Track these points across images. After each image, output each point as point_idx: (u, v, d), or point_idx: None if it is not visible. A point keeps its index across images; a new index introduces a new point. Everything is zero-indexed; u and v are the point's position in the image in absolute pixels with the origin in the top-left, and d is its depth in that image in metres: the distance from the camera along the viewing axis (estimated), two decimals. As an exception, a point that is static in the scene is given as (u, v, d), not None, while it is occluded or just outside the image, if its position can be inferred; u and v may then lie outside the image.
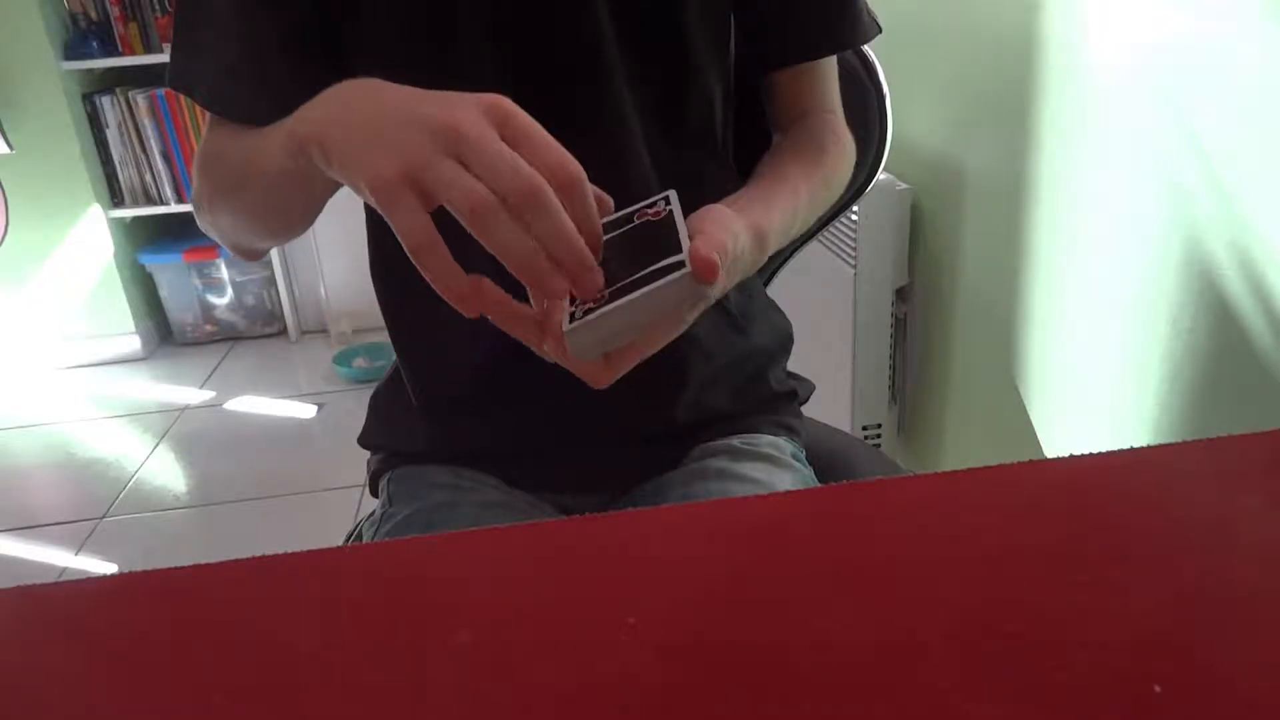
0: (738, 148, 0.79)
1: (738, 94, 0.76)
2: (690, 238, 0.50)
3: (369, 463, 0.84)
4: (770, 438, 0.79)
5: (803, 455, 0.82)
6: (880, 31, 0.78)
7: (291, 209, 0.66)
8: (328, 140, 0.49)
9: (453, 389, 0.77)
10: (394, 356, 0.82)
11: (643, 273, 0.48)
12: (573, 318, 0.48)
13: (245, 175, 0.62)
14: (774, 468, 0.75)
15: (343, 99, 0.51)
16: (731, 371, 0.79)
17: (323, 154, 0.49)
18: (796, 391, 0.86)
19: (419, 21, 0.66)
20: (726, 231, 0.53)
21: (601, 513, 0.81)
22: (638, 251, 0.50)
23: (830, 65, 0.76)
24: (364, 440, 0.84)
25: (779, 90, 0.76)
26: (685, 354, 0.75)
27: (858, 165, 0.96)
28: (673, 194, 0.55)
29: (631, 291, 0.47)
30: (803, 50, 0.74)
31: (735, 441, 0.77)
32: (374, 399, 0.84)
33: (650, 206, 0.54)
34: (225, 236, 0.70)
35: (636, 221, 0.53)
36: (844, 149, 0.74)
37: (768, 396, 0.82)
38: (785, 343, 0.86)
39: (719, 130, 0.75)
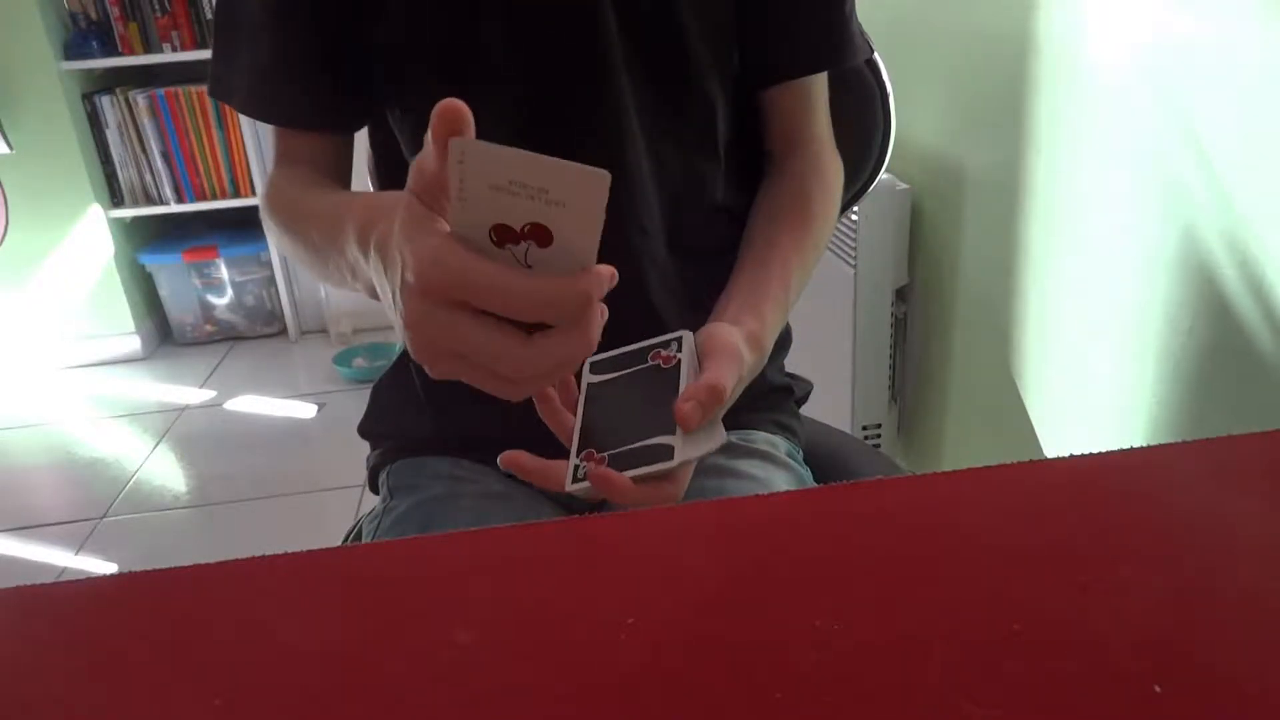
0: (741, 157, 0.80)
1: (738, 106, 0.77)
2: (699, 368, 0.56)
3: (368, 458, 0.84)
4: (766, 435, 0.79)
5: (799, 455, 0.82)
6: (872, 52, 0.80)
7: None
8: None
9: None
10: (393, 356, 0.82)
11: (635, 445, 0.54)
12: (575, 473, 0.54)
13: (316, 261, 0.64)
14: (770, 465, 0.76)
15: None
16: None
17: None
18: (793, 388, 0.86)
19: (440, 30, 0.67)
20: (731, 365, 0.57)
21: (601, 512, 0.81)
22: (638, 408, 0.56)
23: (820, 88, 0.78)
24: (363, 428, 0.85)
25: (771, 108, 0.77)
26: None
27: (860, 167, 0.96)
28: (687, 336, 0.59)
29: (621, 467, 0.53)
30: (793, 67, 0.75)
31: (731, 438, 0.77)
32: (376, 390, 0.85)
33: (665, 346, 0.59)
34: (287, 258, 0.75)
35: (649, 362, 0.59)
36: (830, 189, 0.76)
37: (764, 390, 0.82)
38: (783, 340, 0.86)
39: (720, 137, 0.76)
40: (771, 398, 0.83)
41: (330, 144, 0.74)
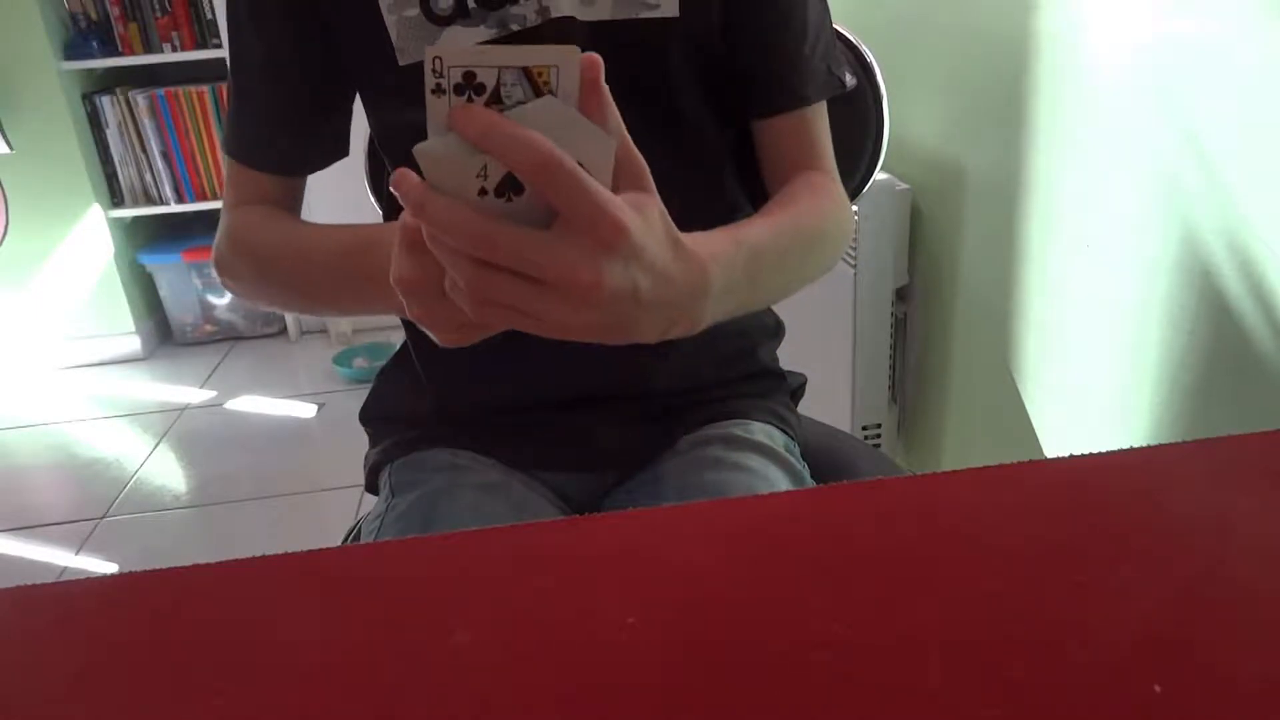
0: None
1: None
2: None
3: (367, 456, 0.84)
4: (762, 425, 0.79)
5: (797, 450, 0.82)
6: (845, 89, 0.76)
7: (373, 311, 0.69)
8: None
9: (456, 357, 0.78)
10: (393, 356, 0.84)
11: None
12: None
13: (331, 292, 0.68)
14: (768, 460, 0.76)
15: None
16: (718, 343, 0.78)
17: None
18: (785, 376, 0.87)
19: (412, 68, 0.69)
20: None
21: (598, 505, 0.81)
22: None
23: (812, 121, 0.75)
24: (364, 414, 0.86)
25: (763, 142, 0.75)
26: None
27: (856, 164, 0.96)
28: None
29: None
30: (759, 104, 0.73)
31: (728, 429, 0.77)
32: (379, 376, 0.87)
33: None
34: (255, 300, 0.78)
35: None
36: (821, 198, 0.71)
37: (757, 372, 0.83)
38: (774, 328, 0.87)
39: (729, 183, 0.77)
40: (764, 382, 0.84)
41: (300, 183, 0.77)
